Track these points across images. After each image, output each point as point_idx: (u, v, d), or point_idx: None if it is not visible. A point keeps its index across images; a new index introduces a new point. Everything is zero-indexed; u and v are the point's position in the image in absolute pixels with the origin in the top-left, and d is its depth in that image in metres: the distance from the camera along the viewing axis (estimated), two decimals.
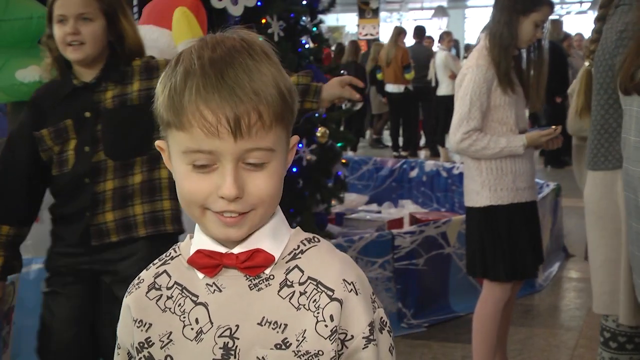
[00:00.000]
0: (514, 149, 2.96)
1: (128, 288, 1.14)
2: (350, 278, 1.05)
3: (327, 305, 1.03)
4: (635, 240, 2.22)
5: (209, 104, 0.96)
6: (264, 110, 0.98)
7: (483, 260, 3.05)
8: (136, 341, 1.10)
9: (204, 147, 0.97)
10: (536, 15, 2.97)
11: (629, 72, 2.18)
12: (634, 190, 2.20)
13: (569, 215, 6.18)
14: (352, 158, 7.21)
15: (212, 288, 1.06)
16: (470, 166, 3.04)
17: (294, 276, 1.05)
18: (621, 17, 2.45)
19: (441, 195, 6.56)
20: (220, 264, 1.04)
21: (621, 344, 2.56)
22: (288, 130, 1.04)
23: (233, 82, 0.97)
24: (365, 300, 1.05)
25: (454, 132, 2.96)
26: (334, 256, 1.09)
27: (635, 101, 2.18)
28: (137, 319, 1.10)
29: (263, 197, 1.01)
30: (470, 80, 2.94)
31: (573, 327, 4.19)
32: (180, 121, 0.98)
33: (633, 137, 2.19)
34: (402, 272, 4.14)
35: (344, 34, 19.72)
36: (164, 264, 1.13)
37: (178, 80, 0.99)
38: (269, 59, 1.02)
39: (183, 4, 3.48)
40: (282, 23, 4.48)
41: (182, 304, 1.07)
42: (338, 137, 5.06)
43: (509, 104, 2.98)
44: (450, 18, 17.58)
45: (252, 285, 1.05)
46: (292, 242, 1.08)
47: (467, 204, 3.11)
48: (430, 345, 3.90)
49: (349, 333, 1.04)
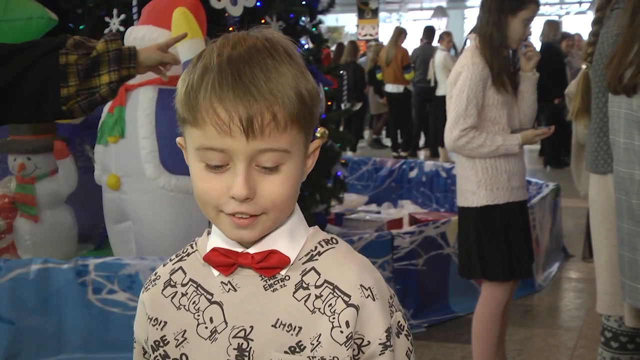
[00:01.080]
0: (510, 147, 2.96)
1: (145, 283, 1.14)
2: (368, 283, 1.04)
3: (343, 311, 1.01)
4: (626, 241, 2.22)
5: (222, 101, 0.95)
6: (278, 110, 0.96)
7: (481, 261, 3.04)
8: (151, 340, 1.09)
9: (216, 145, 0.96)
10: (524, 13, 2.97)
11: (618, 73, 2.18)
12: (625, 192, 2.20)
13: (569, 216, 6.18)
14: (352, 158, 7.21)
15: (227, 287, 1.05)
16: (465, 166, 3.03)
17: (310, 278, 1.04)
18: (617, 20, 2.47)
19: (441, 196, 6.56)
20: (236, 263, 1.04)
21: (623, 343, 2.56)
22: (307, 133, 1.02)
23: (249, 81, 0.95)
24: (382, 306, 1.04)
25: (450, 129, 2.95)
26: (351, 259, 1.07)
27: (623, 102, 2.19)
28: (152, 317, 1.10)
29: (275, 201, 0.99)
30: (466, 78, 2.93)
31: (573, 327, 4.18)
32: (194, 118, 0.97)
33: (622, 139, 2.20)
34: (402, 273, 4.13)
35: (344, 35, 19.73)
36: (180, 260, 1.12)
37: (196, 77, 0.98)
38: (291, 60, 1.00)
39: (182, 5, 3.48)
40: (281, 23, 4.48)
41: (196, 302, 1.06)
42: (337, 138, 5.06)
43: (502, 103, 2.98)
44: (449, 18, 17.58)
45: (267, 285, 1.04)
46: (310, 243, 1.07)
47: (462, 204, 3.09)
48: (429, 345, 3.90)
49: (366, 339, 1.03)
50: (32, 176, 4.03)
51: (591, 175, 2.61)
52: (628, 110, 2.17)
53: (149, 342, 1.10)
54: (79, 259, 3.42)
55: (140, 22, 3.70)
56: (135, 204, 3.54)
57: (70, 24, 4.51)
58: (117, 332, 3.29)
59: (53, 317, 3.33)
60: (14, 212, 4.03)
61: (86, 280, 3.31)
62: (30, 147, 4.02)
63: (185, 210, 3.47)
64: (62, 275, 3.31)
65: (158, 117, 3.49)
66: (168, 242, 3.45)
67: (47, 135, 4.06)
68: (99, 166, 3.69)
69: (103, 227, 3.97)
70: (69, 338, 3.34)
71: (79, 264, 3.33)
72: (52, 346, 3.34)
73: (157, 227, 3.50)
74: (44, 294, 3.31)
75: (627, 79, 2.15)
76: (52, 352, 3.33)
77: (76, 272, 3.31)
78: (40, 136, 4.04)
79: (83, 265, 3.33)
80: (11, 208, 4.02)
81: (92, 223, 4.36)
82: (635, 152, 2.15)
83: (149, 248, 3.52)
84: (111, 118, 3.57)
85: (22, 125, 4.04)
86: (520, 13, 2.96)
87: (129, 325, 3.14)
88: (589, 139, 2.63)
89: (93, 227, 4.41)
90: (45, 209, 4.05)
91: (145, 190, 3.50)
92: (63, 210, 4.13)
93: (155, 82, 3.55)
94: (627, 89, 2.16)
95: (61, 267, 3.32)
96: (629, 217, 2.19)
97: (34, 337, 3.33)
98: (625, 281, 2.26)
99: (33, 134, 4.03)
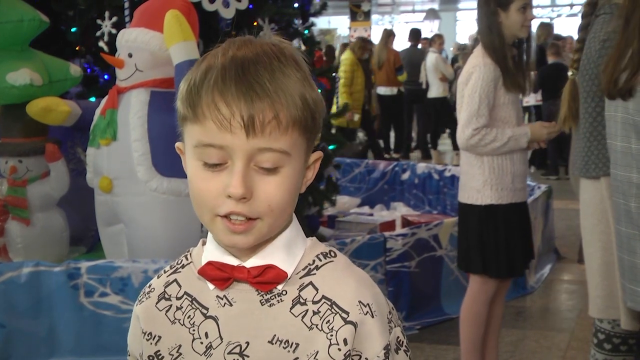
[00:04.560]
0: (519, 137, 2.98)
1: (139, 296, 1.12)
2: (366, 299, 1.02)
3: (341, 328, 1.00)
4: (625, 244, 2.23)
5: (224, 96, 0.93)
6: (280, 110, 0.94)
7: (482, 258, 3.08)
8: (146, 354, 1.08)
9: (215, 142, 0.95)
10: (516, 3, 2.97)
11: (613, 78, 2.19)
12: (623, 195, 2.21)
13: (561, 218, 6.19)
14: (344, 160, 7.21)
15: (222, 301, 1.03)
16: (473, 164, 3.04)
17: (308, 294, 1.02)
18: (603, 26, 2.49)
19: (433, 198, 6.56)
20: (231, 277, 1.02)
21: (615, 345, 2.57)
22: (308, 139, 1.00)
23: (253, 78, 0.94)
24: (381, 322, 1.02)
25: (463, 129, 2.97)
26: (349, 274, 1.05)
27: (619, 106, 2.20)
28: (146, 331, 1.08)
29: (272, 204, 0.97)
30: (478, 78, 2.94)
31: (565, 329, 4.20)
32: (195, 113, 0.96)
33: (619, 142, 2.21)
34: (394, 275, 4.14)
35: (336, 37, 19.73)
36: (174, 272, 1.10)
37: (199, 74, 0.97)
38: (298, 66, 0.99)
39: (175, 7, 3.47)
40: (273, 26, 4.48)
41: (191, 316, 1.05)
42: (330, 140, 5.07)
43: (512, 102, 3.01)
44: (441, 21, 17.62)
45: (264, 300, 1.02)
46: (307, 256, 1.04)
47: (466, 201, 3.11)
48: (422, 347, 3.90)
49: (363, 356, 1.01)
50: (23, 179, 4.02)
51: (582, 180, 2.62)
52: (624, 114, 2.18)
53: (144, 357, 1.09)
54: (71, 261, 3.41)
55: (133, 25, 3.70)
56: (127, 206, 3.53)
57: (62, 27, 4.50)
58: (109, 335, 3.28)
59: (45, 320, 3.32)
60: (6, 215, 4.01)
61: (78, 283, 3.30)
62: (22, 150, 4.00)
63: (178, 213, 3.47)
64: (54, 278, 3.30)
65: (150, 119, 3.48)
66: (160, 244, 3.44)
67: (38, 137, 4.05)
68: (91, 169, 3.68)
69: (95, 229, 3.96)
70: (61, 341, 3.33)
71: (71, 267, 3.32)
72: (44, 349, 3.32)
73: (149, 230, 3.49)
74: (35, 297, 3.30)
75: (622, 83, 2.16)
76: (44, 356, 3.32)
77: (68, 275, 3.30)
78: (32, 139, 4.03)
79: (75, 268, 3.32)
80: (3, 211, 4.00)
81: (84, 226, 4.35)
82: (632, 155, 2.16)
83: (141, 251, 3.51)
84: (103, 121, 3.56)
85: (13, 128, 4.02)
86: (512, 5, 2.97)
87: (121, 329, 3.14)
88: (577, 144, 2.65)
89: (85, 230, 4.40)
90: (36, 212, 4.04)
91: (137, 192, 3.49)
92: (55, 213, 4.12)
93: (148, 85, 3.55)
94: (623, 92, 2.17)
95: (53, 270, 3.31)
96: (627, 221, 2.20)
97: (26, 341, 3.32)
98: (625, 284, 2.27)
99: (25, 136, 4.02)
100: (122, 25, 3.95)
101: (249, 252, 1.02)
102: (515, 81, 2.99)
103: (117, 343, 3.20)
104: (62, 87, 4.07)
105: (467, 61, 3.13)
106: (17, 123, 3.99)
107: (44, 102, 3.77)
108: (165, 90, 3.54)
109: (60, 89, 4.05)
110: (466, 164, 3.10)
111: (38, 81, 3.82)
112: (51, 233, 4.09)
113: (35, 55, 3.99)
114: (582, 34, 2.66)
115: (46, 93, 3.84)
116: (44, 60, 3.98)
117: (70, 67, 4.08)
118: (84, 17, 4.32)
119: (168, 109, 3.40)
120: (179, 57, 3.37)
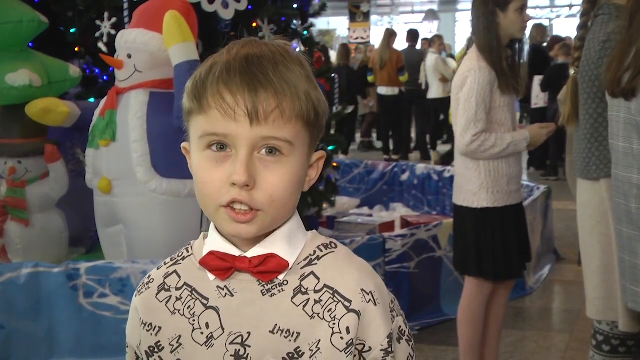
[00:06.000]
0: (518, 142, 2.98)
1: (137, 287, 1.12)
2: (369, 287, 1.02)
3: (343, 317, 1.00)
4: (626, 245, 2.23)
5: (229, 85, 0.96)
6: (284, 100, 0.96)
7: (478, 260, 3.08)
8: (145, 345, 1.08)
9: (219, 130, 0.97)
10: (514, 3, 2.96)
11: (616, 77, 2.19)
12: (624, 196, 2.21)
13: (560, 218, 6.19)
14: (344, 161, 7.21)
15: (223, 292, 1.03)
16: (470, 167, 3.03)
17: (309, 283, 1.02)
18: (602, 27, 2.48)
19: (432, 199, 6.56)
20: (233, 267, 1.02)
21: (614, 347, 2.57)
22: (311, 134, 1.02)
23: (257, 69, 0.97)
24: (384, 311, 1.02)
25: (461, 134, 2.95)
26: (351, 263, 1.05)
27: (622, 106, 2.20)
28: (146, 322, 1.08)
29: (273, 195, 0.98)
30: (473, 82, 2.92)
31: (564, 329, 4.20)
32: (200, 104, 0.98)
33: (621, 143, 2.21)
34: (394, 276, 4.13)
35: (335, 38, 19.74)
36: (175, 264, 1.11)
37: (204, 70, 1.00)
38: (302, 66, 1.01)
39: (174, 8, 3.47)
40: (273, 26, 4.48)
41: (191, 307, 1.05)
42: (329, 140, 5.06)
43: (507, 105, 3.00)
44: (441, 22, 17.61)
45: (265, 290, 1.02)
46: (308, 247, 1.05)
47: (461, 203, 3.10)
48: (421, 348, 3.90)
49: (367, 345, 1.01)
50: (22, 180, 4.01)
51: (581, 181, 2.61)
52: (627, 114, 2.17)
53: (143, 348, 1.09)
54: (70, 262, 3.41)
55: (132, 25, 3.70)
56: (126, 207, 3.53)
57: (61, 27, 4.50)
58: (109, 336, 3.28)
59: (44, 321, 3.32)
60: (5, 216, 4.01)
61: (77, 284, 3.30)
62: (21, 151, 4.00)
63: (177, 214, 3.47)
64: (53, 279, 3.30)
65: (149, 120, 3.48)
66: (159, 245, 3.44)
67: (38, 138, 4.05)
68: (90, 169, 3.68)
69: (94, 230, 3.95)
70: (60, 342, 3.33)
71: (70, 268, 3.32)
72: (43, 350, 3.32)
73: (148, 231, 3.49)
74: (34, 298, 3.30)
75: (625, 83, 2.16)
76: (43, 356, 3.32)
77: (67, 275, 3.30)
78: (31, 139, 4.02)
79: (74, 269, 3.32)
80: (2, 212, 4.00)
81: (83, 227, 4.34)
82: (633, 155, 2.16)
83: (141, 251, 3.51)
84: (102, 121, 3.56)
85: (13, 129, 4.02)
86: (510, 5, 2.96)
87: (120, 329, 3.14)
88: (577, 145, 2.63)
89: (84, 231, 4.39)
90: (36, 213, 4.04)
91: (136, 193, 3.49)
92: (54, 214, 4.11)
93: (147, 86, 3.55)
94: (626, 92, 2.16)
95: (52, 271, 3.31)
96: (627, 221, 2.20)
97: (25, 342, 3.31)
98: (626, 285, 2.27)
99: (24, 137, 4.02)
100: (122, 26, 3.95)
101: (251, 242, 1.02)
102: (510, 83, 2.98)
103: (117, 344, 3.20)
104: (61, 88, 4.07)
105: (460, 63, 3.12)
106: (17, 124, 3.99)
107: (43, 103, 3.77)
108: (164, 91, 3.54)
109: (59, 89, 4.05)
110: (462, 167, 3.09)
111: (37, 82, 3.82)
112: (50, 234, 4.08)
113: (35, 56, 3.99)
114: (582, 32, 2.65)
115: (45, 94, 3.84)
116: (43, 61, 3.98)
117: (69, 68, 4.08)
118: (83, 18, 4.32)
119: (167, 110, 3.40)
120: (178, 58, 3.37)
